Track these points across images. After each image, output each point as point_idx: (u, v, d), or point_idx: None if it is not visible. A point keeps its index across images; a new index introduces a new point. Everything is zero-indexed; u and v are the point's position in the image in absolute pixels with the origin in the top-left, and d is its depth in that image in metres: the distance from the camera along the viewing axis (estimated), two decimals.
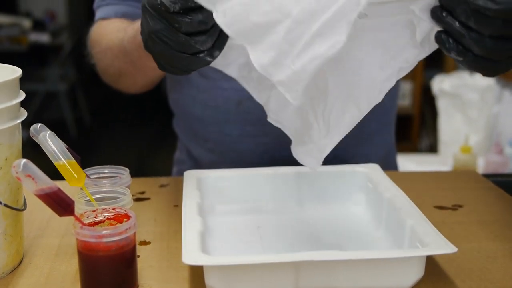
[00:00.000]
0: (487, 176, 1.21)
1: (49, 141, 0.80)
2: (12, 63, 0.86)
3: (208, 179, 0.98)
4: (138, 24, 0.93)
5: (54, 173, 0.78)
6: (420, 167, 2.65)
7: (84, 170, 0.85)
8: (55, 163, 0.79)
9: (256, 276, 0.72)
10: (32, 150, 0.94)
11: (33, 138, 0.82)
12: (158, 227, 0.95)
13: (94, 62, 1.19)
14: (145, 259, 0.85)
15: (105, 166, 0.93)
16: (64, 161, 0.79)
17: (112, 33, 1.11)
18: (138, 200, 1.05)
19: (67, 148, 0.81)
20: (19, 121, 0.79)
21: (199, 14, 0.72)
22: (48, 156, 0.80)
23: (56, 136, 0.81)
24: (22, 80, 0.81)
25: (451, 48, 0.70)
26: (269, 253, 0.85)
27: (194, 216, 0.83)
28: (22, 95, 0.81)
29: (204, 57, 0.75)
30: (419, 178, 1.18)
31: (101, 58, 1.15)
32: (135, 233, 0.75)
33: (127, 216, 0.76)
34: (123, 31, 1.06)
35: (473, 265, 0.83)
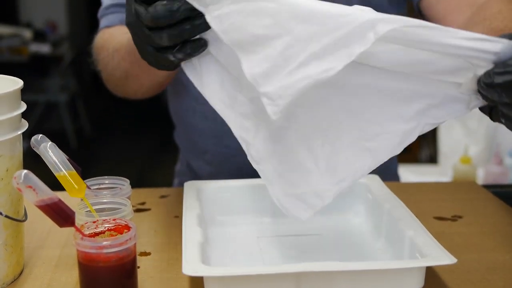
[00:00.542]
0: (486, 186, 1.21)
1: (50, 152, 0.80)
2: (12, 74, 0.86)
3: (208, 190, 0.98)
4: None
5: (55, 184, 0.79)
6: (420, 178, 2.65)
7: (85, 181, 0.85)
8: (56, 174, 0.80)
9: (256, 287, 0.72)
10: (32, 160, 0.94)
11: (34, 149, 0.82)
12: (158, 238, 0.95)
13: (100, 68, 1.17)
14: (146, 270, 0.85)
15: (106, 177, 0.93)
16: (65, 172, 0.79)
17: (120, 35, 1.10)
18: (138, 211, 1.05)
19: (67, 159, 0.82)
20: (20, 132, 0.79)
21: (161, 7, 0.72)
22: (49, 167, 0.80)
23: (56, 147, 0.82)
24: (22, 91, 0.82)
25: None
26: (269, 264, 0.86)
27: (194, 227, 0.83)
28: (23, 107, 0.81)
29: (166, 54, 0.77)
30: (419, 189, 1.18)
31: (108, 62, 1.13)
32: (135, 244, 0.75)
33: (128, 227, 0.76)
34: (128, 34, 1.05)
35: (473, 276, 0.83)
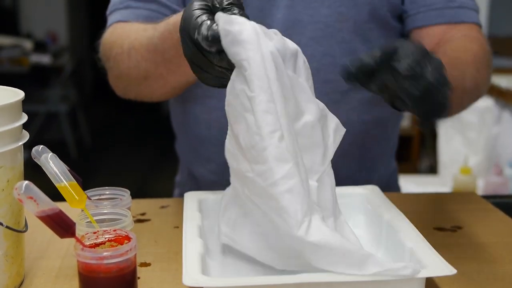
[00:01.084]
0: (486, 197, 1.21)
1: (51, 163, 0.81)
2: (13, 84, 0.87)
3: (208, 200, 0.98)
4: (174, 20, 0.93)
5: (55, 194, 0.79)
6: (420, 188, 2.65)
7: (85, 191, 0.85)
8: (57, 185, 0.80)
9: None
10: (32, 171, 0.94)
11: (35, 160, 0.83)
12: (158, 248, 0.95)
13: (109, 66, 1.13)
14: (146, 281, 0.85)
15: (106, 187, 0.93)
16: (66, 183, 0.80)
17: (137, 32, 1.06)
18: (138, 221, 1.05)
19: (68, 169, 0.82)
20: (21, 143, 0.79)
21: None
22: (50, 177, 0.80)
23: (57, 158, 0.82)
24: (23, 101, 0.82)
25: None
26: (270, 274, 0.85)
27: (195, 238, 0.83)
28: (24, 118, 0.81)
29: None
30: (419, 199, 1.18)
31: (122, 60, 1.08)
32: (135, 255, 0.75)
33: (128, 238, 0.76)
34: (152, 29, 1.01)
35: (473, 287, 0.83)
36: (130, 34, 1.07)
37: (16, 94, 0.82)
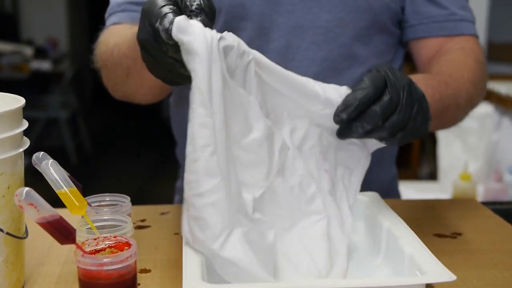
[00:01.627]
0: (486, 203, 1.21)
1: (51, 170, 0.81)
2: (13, 91, 0.87)
3: None
4: None
5: (55, 200, 0.79)
6: (420, 195, 2.65)
7: (86, 198, 0.85)
8: (57, 191, 0.80)
9: None
10: (32, 177, 0.95)
11: (35, 166, 0.83)
12: (158, 255, 0.95)
13: (99, 65, 1.14)
14: (146, 287, 0.85)
15: (106, 194, 0.93)
16: (66, 189, 0.80)
17: (124, 31, 1.07)
18: (138, 228, 1.05)
19: (68, 176, 0.82)
20: (21, 149, 0.80)
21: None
22: (50, 184, 0.80)
23: (58, 164, 0.82)
24: (23, 108, 0.82)
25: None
26: (270, 280, 0.85)
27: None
28: (25, 124, 0.81)
29: (187, 75, 0.76)
30: (419, 206, 1.18)
31: (107, 57, 1.10)
32: (136, 261, 0.75)
33: (128, 244, 0.76)
34: (133, 28, 1.00)
35: None
36: (117, 33, 1.09)
37: (16, 101, 0.82)
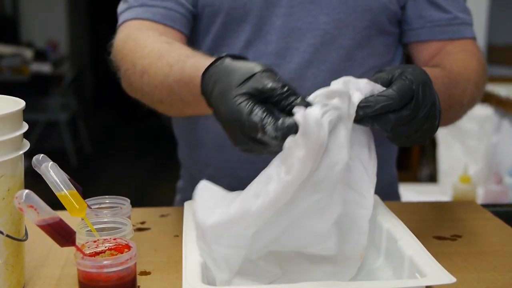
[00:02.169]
0: (486, 206, 1.21)
1: (51, 172, 0.81)
2: (13, 93, 0.87)
3: None
4: (189, 68, 0.90)
5: (55, 203, 0.79)
6: (420, 197, 2.65)
7: (85, 200, 0.85)
8: (57, 194, 0.80)
9: None
10: (32, 179, 0.95)
11: (35, 169, 0.83)
12: (158, 257, 0.95)
13: (121, 75, 1.08)
14: None
15: (106, 196, 0.94)
16: (66, 191, 0.80)
17: (151, 57, 1.00)
18: (138, 230, 1.05)
19: (68, 178, 0.82)
20: (22, 152, 0.80)
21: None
22: (50, 186, 0.80)
23: (58, 166, 0.82)
24: (23, 110, 0.82)
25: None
26: (270, 283, 0.85)
27: (195, 246, 0.83)
28: (25, 127, 0.81)
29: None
30: (419, 208, 1.18)
31: (134, 80, 1.04)
32: (135, 264, 0.76)
33: (128, 247, 0.76)
34: (168, 66, 0.96)
35: None
36: (143, 54, 1.02)
37: (16, 104, 0.82)
